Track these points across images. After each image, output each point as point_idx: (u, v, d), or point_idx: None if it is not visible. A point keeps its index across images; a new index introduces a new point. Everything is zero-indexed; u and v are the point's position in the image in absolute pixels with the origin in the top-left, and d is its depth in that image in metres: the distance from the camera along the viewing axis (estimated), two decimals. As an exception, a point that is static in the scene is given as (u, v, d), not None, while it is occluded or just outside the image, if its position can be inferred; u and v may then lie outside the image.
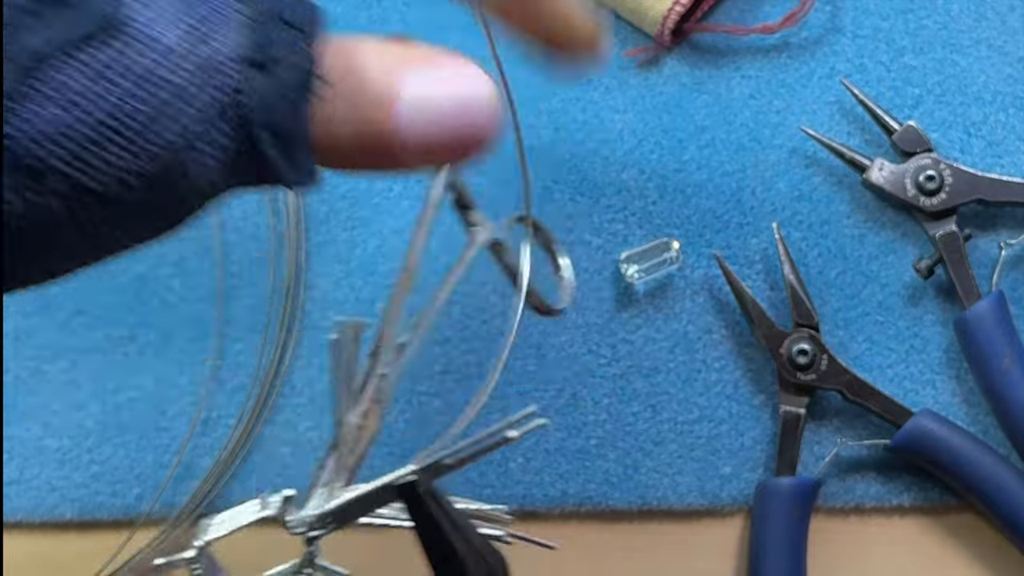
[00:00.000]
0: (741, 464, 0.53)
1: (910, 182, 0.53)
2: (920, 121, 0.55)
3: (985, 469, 0.50)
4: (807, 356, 0.51)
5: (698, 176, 0.56)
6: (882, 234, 0.55)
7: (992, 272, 0.53)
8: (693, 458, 0.53)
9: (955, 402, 0.53)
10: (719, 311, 0.54)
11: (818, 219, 0.55)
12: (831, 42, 0.57)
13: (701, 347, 0.54)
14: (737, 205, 0.55)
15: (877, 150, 0.55)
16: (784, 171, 0.56)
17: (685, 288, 0.55)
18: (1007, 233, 0.54)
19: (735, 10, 0.58)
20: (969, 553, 0.52)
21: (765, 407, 0.53)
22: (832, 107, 0.56)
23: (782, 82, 0.57)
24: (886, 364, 0.53)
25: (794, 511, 0.50)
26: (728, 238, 0.55)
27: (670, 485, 0.53)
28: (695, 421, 0.53)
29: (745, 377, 0.54)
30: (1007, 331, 0.51)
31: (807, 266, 0.54)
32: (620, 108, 0.57)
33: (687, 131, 0.57)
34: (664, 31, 0.56)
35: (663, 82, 0.57)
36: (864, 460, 0.52)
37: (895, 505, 0.52)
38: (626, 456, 0.53)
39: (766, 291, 0.54)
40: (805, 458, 0.52)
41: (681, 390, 0.54)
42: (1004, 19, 0.57)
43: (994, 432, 0.52)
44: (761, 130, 0.56)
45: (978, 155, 0.55)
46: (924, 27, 0.57)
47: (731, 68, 0.57)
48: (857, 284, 0.54)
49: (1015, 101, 0.56)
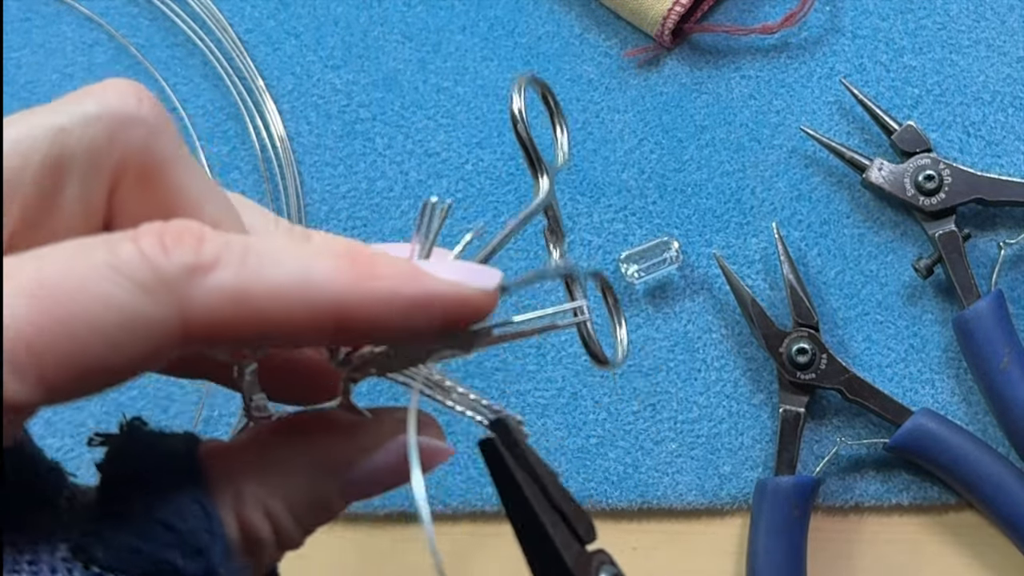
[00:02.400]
0: (741, 463, 0.53)
1: (909, 182, 0.53)
2: (919, 121, 0.55)
3: (984, 468, 0.50)
4: (807, 355, 0.52)
5: (698, 176, 0.56)
6: (881, 234, 0.55)
7: (991, 271, 0.53)
8: (693, 457, 0.53)
9: (954, 401, 0.53)
10: (719, 311, 0.55)
11: (818, 219, 0.55)
12: (831, 42, 0.57)
13: (701, 347, 0.54)
14: (737, 205, 0.56)
15: (876, 150, 0.56)
16: (784, 171, 0.56)
17: (685, 288, 0.55)
18: (1006, 233, 0.54)
19: (735, 10, 0.58)
20: (968, 552, 0.52)
21: (765, 406, 0.53)
22: (832, 107, 0.56)
23: (782, 82, 0.57)
24: (885, 363, 0.53)
25: (793, 510, 0.51)
26: (728, 238, 0.55)
27: (670, 484, 0.53)
28: (695, 420, 0.53)
29: (745, 376, 0.54)
30: (1006, 330, 0.51)
31: (807, 266, 0.55)
32: (620, 108, 0.57)
33: (687, 131, 0.57)
34: (664, 31, 0.56)
35: (663, 82, 0.58)
36: (863, 459, 0.53)
37: (894, 504, 0.52)
38: (626, 455, 0.53)
39: (766, 291, 0.55)
40: (804, 457, 0.52)
41: (681, 389, 0.54)
42: (1003, 19, 0.57)
43: (993, 431, 0.52)
44: (761, 130, 0.56)
45: (977, 155, 0.55)
46: (923, 27, 0.57)
47: (731, 68, 0.57)
48: (856, 283, 0.54)
49: (1014, 101, 0.56)
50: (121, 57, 0.61)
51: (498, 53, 0.59)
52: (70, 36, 0.62)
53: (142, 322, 0.22)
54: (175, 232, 0.22)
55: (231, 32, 0.60)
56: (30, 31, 0.62)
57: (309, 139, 0.59)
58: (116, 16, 0.62)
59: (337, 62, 0.60)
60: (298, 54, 0.60)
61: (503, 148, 0.58)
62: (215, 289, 0.22)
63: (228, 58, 0.60)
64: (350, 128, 0.59)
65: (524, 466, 0.25)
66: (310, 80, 0.60)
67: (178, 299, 0.22)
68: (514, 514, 0.25)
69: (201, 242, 0.22)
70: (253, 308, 0.23)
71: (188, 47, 0.61)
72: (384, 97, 0.59)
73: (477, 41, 0.59)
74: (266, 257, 0.23)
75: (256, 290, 0.23)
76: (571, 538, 0.25)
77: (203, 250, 0.22)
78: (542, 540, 0.25)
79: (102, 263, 0.22)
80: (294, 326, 0.23)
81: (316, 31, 0.60)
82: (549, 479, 0.25)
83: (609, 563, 0.25)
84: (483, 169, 0.57)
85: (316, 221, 0.57)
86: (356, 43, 0.60)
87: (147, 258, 0.22)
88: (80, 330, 0.21)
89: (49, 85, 0.61)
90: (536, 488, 0.25)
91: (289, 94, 0.60)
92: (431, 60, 0.59)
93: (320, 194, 0.58)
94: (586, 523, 0.26)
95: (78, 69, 0.61)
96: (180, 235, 0.22)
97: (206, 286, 0.22)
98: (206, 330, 0.22)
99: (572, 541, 0.25)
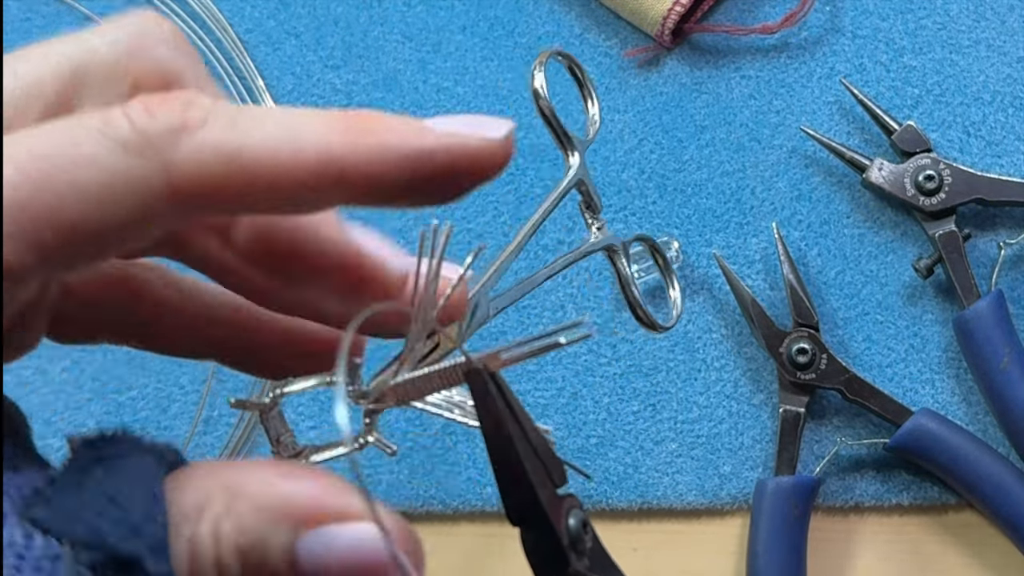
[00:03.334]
0: (741, 463, 0.53)
1: (909, 182, 0.53)
2: (919, 121, 0.55)
3: (984, 468, 0.50)
4: (807, 355, 0.52)
5: (698, 176, 0.56)
6: (881, 234, 0.55)
7: (991, 271, 0.53)
8: (693, 457, 0.53)
9: (954, 401, 0.53)
10: (719, 311, 0.55)
11: (818, 219, 0.55)
12: (831, 42, 0.57)
13: (701, 347, 0.54)
14: (737, 205, 0.56)
15: (876, 150, 0.56)
16: (784, 171, 0.56)
17: (685, 288, 0.55)
18: (1006, 233, 0.54)
19: (735, 10, 0.58)
20: (967, 552, 0.52)
21: (765, 406, 0.54)
22: (832, 107, 0.56)
23: (782, 82, 0.57)
24: (885, 363, 0.53)
25: (793, 510, 0.51)
26: (728, 238, 0.55)
27: (670, 484, 0.53)
28: (695, 420, 0.53)
29: (745, 376, 0.54)
30: (1006, 330, 0.51)
31: (807, 266, 0.55)
32: (620, 108, 0.57)
33: (687, 131, 0.57)
34: (664, 31, 0.56)
35: (663, 82, 0.58)
36: (863, 459, 0.53)
37: (894, 504, 0.52)
38: (626, 455, 0.53)
39: (766, 291, 0.55)
40: (804, 457, 0.52)
41: (681, 389, 0.54)
42: (1003, 19, 0.57)
43: (993, 431, 0.52)
44: (761, 130, 0.56)
45: (977, 155, 0.55)
46: (923, 27, 0.57)
47: (731, 68, 0.57)
48: (856, 283, 0.54)
49: (1014, 101, 0.56)
50: (121, 57, 0.61)
51: (498, 53, 0.59)
52: (70, 36, 0.62)
53: (126, 180, 0.22)
54: (162, 97, 0.23)
55: (231, 32, 0.60)
56: (30, 31, 0.62)
57: (309, 139, 0.59)
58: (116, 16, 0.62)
59: (337, 62, 0.60)
60: (298, 54, 0.60)
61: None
62: (202, 146, 0.23)
63: (228, 58, 0.60)
64: (350, 128, 0.59)
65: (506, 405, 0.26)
66: (310, 80, 0.60)
67: (162, 157, 0.22)
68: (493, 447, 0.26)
69: (189, 105, 0.23)
70: (242, 165, 0.23)
71: (188, 47, 0.61)
72: (384, 97, 0.59)
73: (477, 41, 0.59)
74: (256, 119, 0.23)
75: (245, 147, 0.23)
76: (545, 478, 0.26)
77: (189, 111, 0.23)
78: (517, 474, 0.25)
79: (93, 128, 0.22)
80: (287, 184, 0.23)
81: (316, 31, 0.60)
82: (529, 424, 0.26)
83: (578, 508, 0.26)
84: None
85: (316, 221, 0.57)
86: (356, 43, 0.60)
87: (131, 119, 0.22)
88: (66, 190, 0.22)
89: (49, 85, 0.61)
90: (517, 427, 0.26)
91: (289, 94, 0.60)
92: (431, 60, 0.59)
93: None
94: (559, 470, 0.26)
95: (78, 69, 0.61)
96: (166, 99, 0.23)
97: (192, 144, 0.22)
98: (194, 188, 0.23)
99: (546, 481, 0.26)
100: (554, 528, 0.25)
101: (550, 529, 0.25)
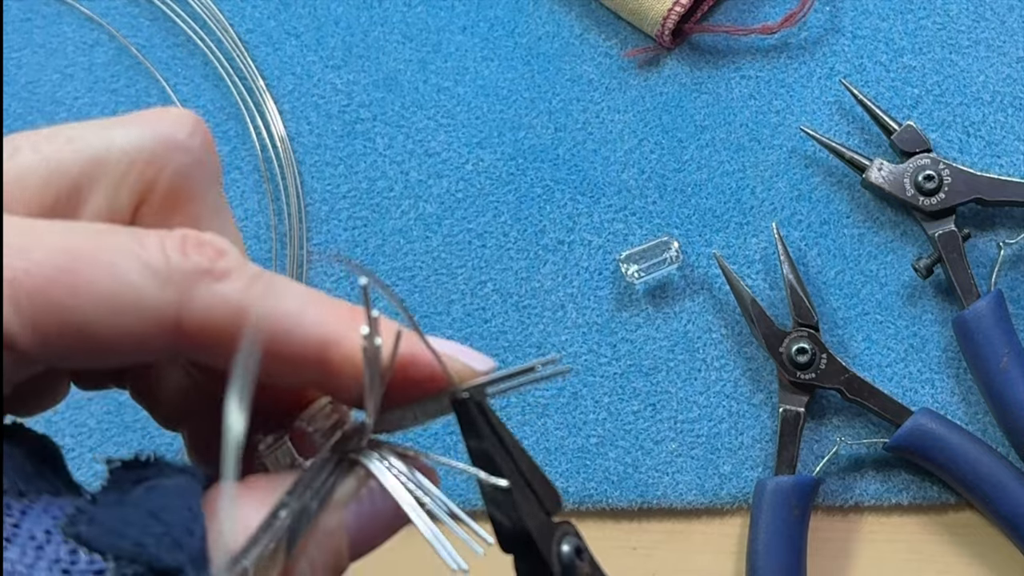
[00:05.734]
0: (741, 463, 0.53)
1: (909, 182, 0.53)
2: (919, 121, 0.55)
3: (984, 468, 0.50)
4: (806, 355, 0.52)
5: (698, 176, 0.56)
6: (881, 234, 0.55)
7: (991, 271, 0.53)
8: (693, 456, 0.53)
9: (954, 401, 0.53)
10: (719, 311, 0.55)
11: (817, 219, 0.55)
12: (831, 42, 0.57)
13: (701, 346, 0.54)
14: (737, 205, 0.56)
15: (876, 150, 0.56)
16: (784, 171, 0.56)
17: (685, 288, 0.55)
18: (1006, 232, 0.54)
19: (735, 10, 0.58)
20: (967, 551, 0.52)
21: (765, 406, 0.54)
22: (831, 107, 0.56)
23: (782, 82, 0.57)
24: (885, 363, 0.54)
25: (793, 509, 0.51)
26: (728, 238, 0.55)
27: (670, 483, 0.53)
28: (695, 420, 0.54)
29: (745, 376, 0.54)
30: (1006, 330, 0.51)
31: (807, 266, 0.55)
32: (620, 108, 0.57)
33: (687, 131, 0.57)
34: (664, 31, 0.56)
35: (663, 82, 0.58)
36: (863, 459, 0.53)
37: (894, 503, 0.52)
38: (626, 454, 0.53)
39: (766, 291, 0.55)
40: (804, 457, 0.52)
41: (681, 389, 0.54)
42: (1003, 20, 0.57)
43: (993, 431, 0.52)
44: (761, 130, 0.57)
45: (977, 155, 0.55)
46: (923, 28, 0.57)
47: (731, 68, 0.58)
48: (856, 283, 0.54)
49: (1013, 101, 0.56)
50: (122, 57, 0.61)
51: (498, 53, 0.59)
52: (71, 36, 0.62)
53: (140, 299, 0.23)
54: (198, 238, 0.24)
55: (231, 32, 0.60)
56: (31, 31, 0.62)
57: (309, 139, 0.59)
58: (117, 16, 0.62)
59: (338, 62, 0.60)
60: (299, 54, 0.60)
61: (503, 148, 0.58)
62: (218, 296, 0.24)
63: (229, 58, 0.60)
64: (350, 128, 0.59)
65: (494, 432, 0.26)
66: (310, 80, 0.60)
67: (180, 292, 0.23)
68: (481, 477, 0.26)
69: (220, 254, 0.24)
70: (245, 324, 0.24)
71: (189, 47, 0.61)
72: (384, 97, 0.59)
73: (477, 41, 0.59)
74: (275, 287, 0.25)
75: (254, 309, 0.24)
76: (537, 507, 0.26)
77: (219, 261, 0.24)
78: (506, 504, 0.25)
79: (124, 244, 0.24)
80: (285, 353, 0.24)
81: (316, 31, 0.60)
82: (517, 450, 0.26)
83: (573, 535, 0.26)
84: (483, 169, 0.57)
85: (316, 221, 0.58)
86: (356, 43, 0.60)
87: (164, 251, 0.24)
88: (82, 289, 0.23)
89: (50, 85, 0.61)
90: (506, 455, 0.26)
91: (289, 94, 0.60)
92: (431, 60, 0.59)
93: (320, 194, 0.58)
94: (553, 496, 0.26)
95: (79, 69, 0.61)
96: (202, 243, 0.24)
97: (210, 291, 0.24)
98: (199, 331, 0.24)
99: (537, 510, 0.26)
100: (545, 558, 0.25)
101: (541, 559, 0.25)
